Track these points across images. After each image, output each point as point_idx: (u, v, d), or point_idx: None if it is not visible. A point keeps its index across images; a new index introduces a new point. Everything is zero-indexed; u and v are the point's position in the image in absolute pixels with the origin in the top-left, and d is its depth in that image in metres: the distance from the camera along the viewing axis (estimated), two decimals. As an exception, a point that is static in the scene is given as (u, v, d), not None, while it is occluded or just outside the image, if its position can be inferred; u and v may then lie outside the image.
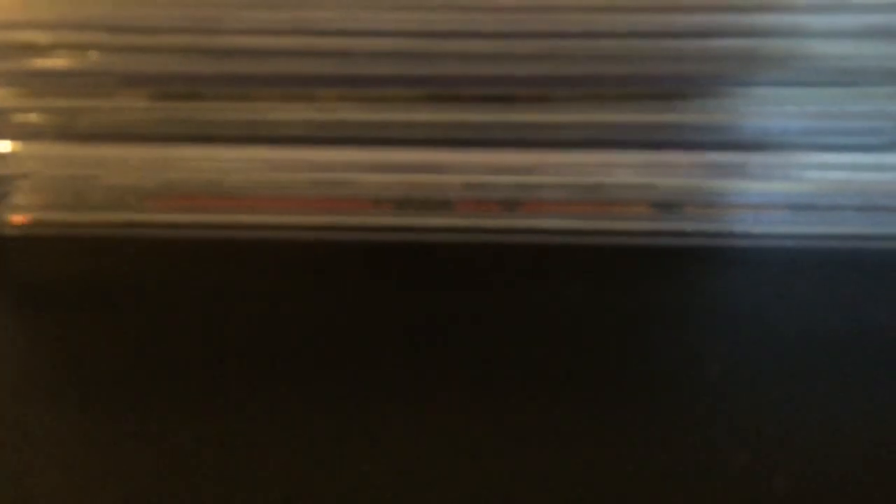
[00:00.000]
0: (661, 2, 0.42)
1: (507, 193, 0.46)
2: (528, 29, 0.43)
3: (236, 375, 0.42)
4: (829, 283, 0.46)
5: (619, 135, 0.45)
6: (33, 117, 0.44)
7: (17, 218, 0.46)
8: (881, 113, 0.45)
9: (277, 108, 0.44)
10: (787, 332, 0.44)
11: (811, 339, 0.44)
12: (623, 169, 0.46)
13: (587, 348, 0.43)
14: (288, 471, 0.38)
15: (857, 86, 0.44)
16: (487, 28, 0.43)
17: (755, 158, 0.45)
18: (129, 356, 0.43)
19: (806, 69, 0.43)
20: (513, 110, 0.45)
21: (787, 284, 0.46)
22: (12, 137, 0.44)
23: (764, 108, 0.45)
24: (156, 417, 0.40)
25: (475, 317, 0.44)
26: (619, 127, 0.45)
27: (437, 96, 0.44)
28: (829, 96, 0.44)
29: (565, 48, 0.43)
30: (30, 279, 0.46)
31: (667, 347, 0.44)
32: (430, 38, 0.43)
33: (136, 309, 0.45)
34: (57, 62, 0.42)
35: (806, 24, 0.43)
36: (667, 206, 0.46)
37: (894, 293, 0.45)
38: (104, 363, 0.42)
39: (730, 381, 0.42)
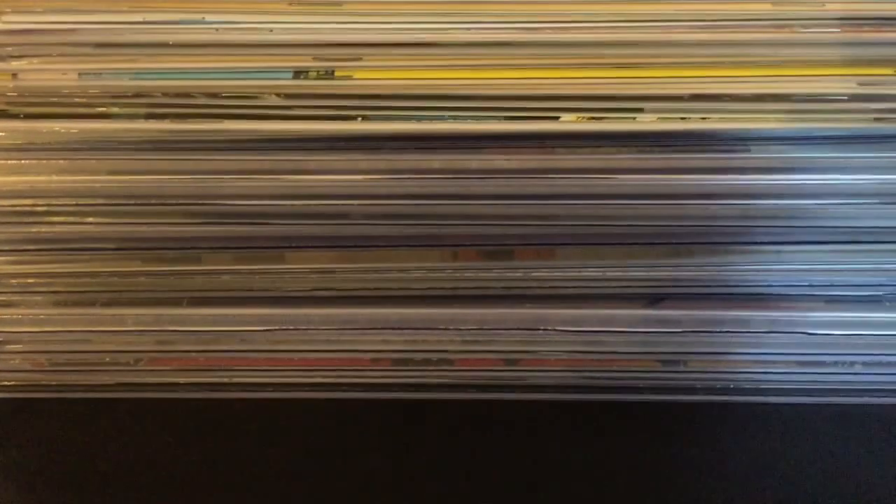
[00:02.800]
0: (661, 164, 0.42)
1: (507, 349, 0.46)
2: (527, 191, 0.42)
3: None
4: (836, 439, 0.45)
5: (622, 290, 0.45)
6: (31, 281, 0.44)
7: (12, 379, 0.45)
8: (884, 269, 0.44)
9: (273, 269, 0.44)
10: (797, 488, 0.43)
11: (818, 495, 0.43)
12: (627, 323, 0.45)
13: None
14: None
15: (860, 243, 0.44)
16: (486, 190, 0.42)
17: (760, 313, 0.45)
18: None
19: (808, 228, 0.43)
20: (512, 266, 0.45)
21: (793, 440, 0.45)
22: (9, 301, 0.44)
23: (767, 264, 0.44)
24: None
25: (471, 473, 0.43)
26: (621, 282, 0.45)
27: (435, 254, 0.44)
28: (833, 252, 0.44)
29: (565, 209, 0.43)
30: (22, 442, 0.45)
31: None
32: (429, 200, 0.43)
33: (134, 473, 0.44)
34: (54, 228, 0.42)
35: (806, 185, 0.42)
36: (672, 361, 0.46)
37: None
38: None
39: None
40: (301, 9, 0.41)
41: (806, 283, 0.45)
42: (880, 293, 0.45)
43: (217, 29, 0.41)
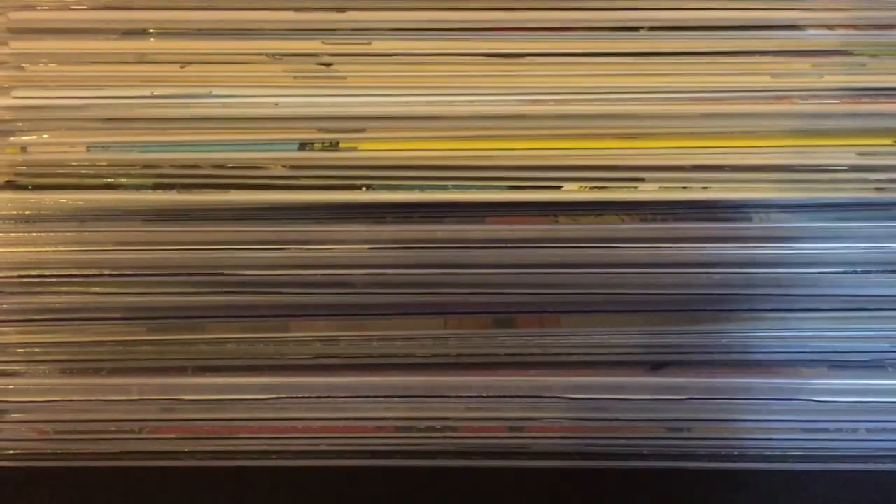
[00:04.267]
0: (664, 233, 0.43)
1: (511, 416, 0.46)
2: (530, 260, 0.43)
3: None
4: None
5: (626, 356, 0.45)
6: (36, 350, 0.44)
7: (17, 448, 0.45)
8: (887, 336, 0.44)
9: (278, 337, 0.44)
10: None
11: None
12: (631, 391, 0.45)
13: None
14: None
15: (863, 310, 0.44)
16: (489, 259, 0.43)
17: (764, 380, 0.45)
18: None
19: (810, 296, 0.43)
20: (516, 334, 0.45)
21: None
22: (14, 370, 0.44)
23: (771, 331, 0.44)
24: None
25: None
26: (625, 348, 0.45)
27: (439, 322, 0.44)
28: (835, 320, 0.44)
29: (568, 278, 0.43)
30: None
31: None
32: (432, 269, 0.43)
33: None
34: (60, 298, 0.43)
35: (807, 254, 0.43)
36: (676, 427, 0.46)
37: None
38: None
39: None
40: (306, 82, 0.41)
41: (809, 350, 0.45)
42: (883, 359, 0.45)
43: (224, 103, 0.41)
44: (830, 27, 0.41)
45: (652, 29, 0.41)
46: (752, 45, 0.41)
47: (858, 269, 0.43)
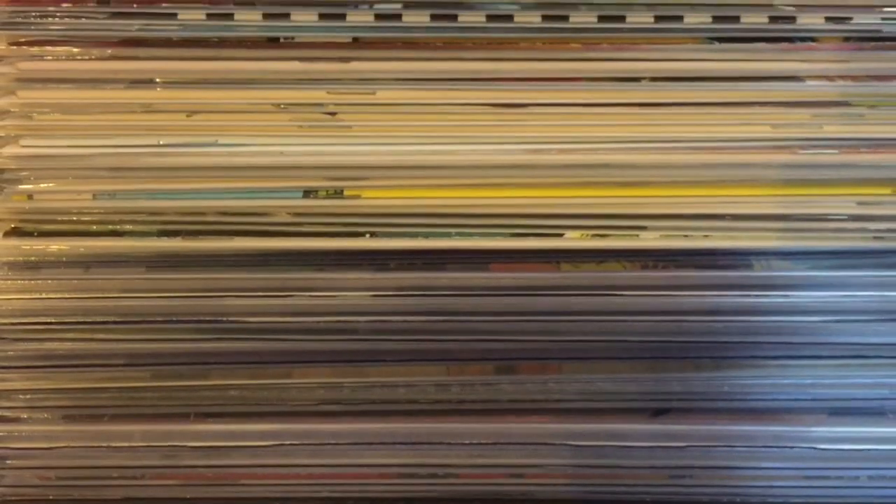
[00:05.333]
0: (664, 281, 0.43)
1: (513, 462, 0.46)
2: (532, 308, 0.43)
3: None
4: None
5: (628, 403, 0.45)
6: (40, 396, 0.44)
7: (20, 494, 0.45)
8: (887, 383, 0.44)
9: (281, 383, 0.44)
10: None
11: None
12: (633, 437, 0.45)
13: None
14: None
15: (863, 357, 0.44)
16: (492, 307, 0.43)
17: (765, 427, 0.45)
18: None
19: (811, 344, 0.44)
20: (518, 381, 0.45)
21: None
22: (17, 416, 0.44)
23: (772, 378, 0.45)
24: None
25: None
26: (627, 395, 0.45)
27: (441, 369, 0.45)
28: (836, 367, 0.44)
29: (570, 325, 0.43)
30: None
31: None
32: (435, 316, 0.43)
33: None
34: (64, 345, 0.43)
35: (808, 302, 0.43)
36: (678, 474, 0.46)
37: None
38: None
39: None
40: (311, 131, 0.42)
41: (810, 397, 0.45)
42: (884, 407, 0.45)
43: (230, 152, 0.41)
44: (830, 79, 0.42)
45: (653, 80, 0.42)
46: (753, 96, 0.42)
47: (858, 317, 0.43)
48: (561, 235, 0.43)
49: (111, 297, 0.42)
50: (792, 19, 0.41)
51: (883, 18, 0.41)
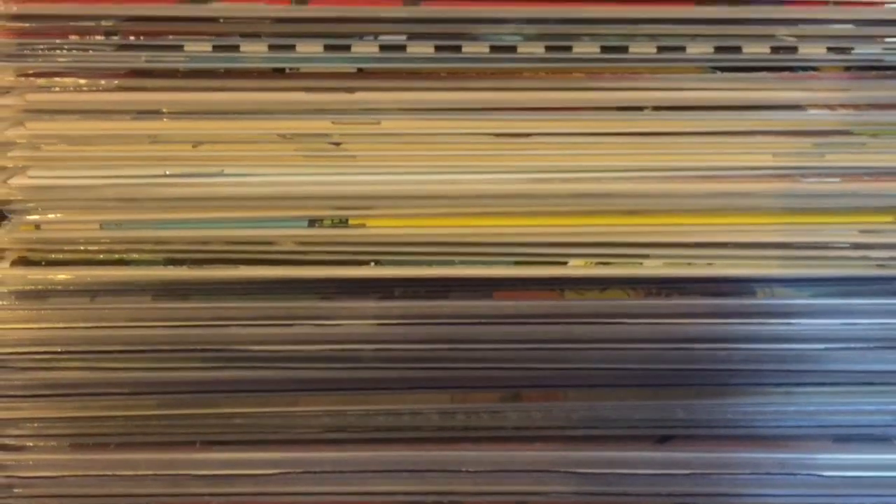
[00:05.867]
0: (667, 308, 0.43)
1: (518, 489, 0.46)
2: (536, 336, 0.43)
3: None
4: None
5: (632, 431, 0.45)
6: (46, 425, 0.44)
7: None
8: (892, 410, 0.45)
9: (286, 411, 0.44)
10: None
11: None
12: (638, 465, 0.45)
13: None
14: None
15: (867, 384, 0.44)
16: (493, 335, 0.43)
17: (769, 454, 0.45)
18: None
19: (814, 371, 0.44)
20: (523, 408, 0.45)
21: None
22: (23, 444, 0.44)
23: (775, 406, 0.45)
24: None
25: None
26: (631, 422, 0.45)
27: (446, 397, 0.45)
28: (840, 394, 0.44)
29: (574, 353, 0.43)
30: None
31: None
32: (440, 344, 0.43)
33: None
34: (70, 374, 0.43)
35: (809, 330, 0.43)
36: (683, 501, 0.46)
37: None
38: None
39: None
40: (316, 161, 0.42)
41: (814, 424, 0.45)
42: (888, 433, 0.45)
43: (235, 182, 0.42)
44: (831, 107, 0.42)
45: (656, 109, 0.42)
46: (755, 125, 0.42)
47: (861, 345, 0.43)
48: (564, 263, 0.44)
49: (117, 327, 0.43)
50: (793, 49, 0.41)
51: (884, 48, 0.41)
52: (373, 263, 0.43)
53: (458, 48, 0.41)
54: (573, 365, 0.44)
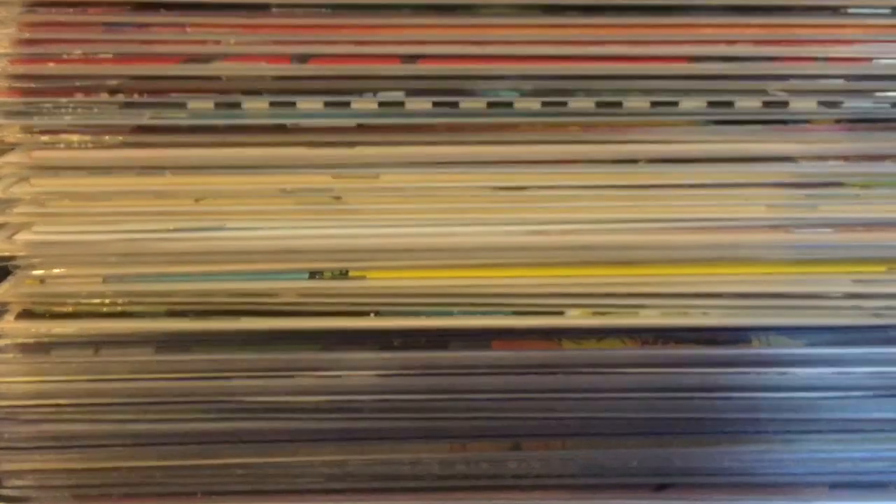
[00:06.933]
0: (664, 358, 0.44)
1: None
2: (534, 386, 0.44)
3: None
4: None
5: (631, 479, 0.46)
6: (48, 476, 0.45)
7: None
8: (887, 457, 0.45)
9: (287, 461, 0.45)
10: None
11: None
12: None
13: None
14: None
15: (863, 432, 0.45)
16: (492, 385, 0.44)
17: (768, 501, 0.45)
18: None
19: (811, 420, 0.44)
20: (521, 457, 0.45)
21: None
22: (26, 496, 0.45)
23: (772, 453, 0.45)
24: None
25: None
26: (630, 470, 0.46)
27: (445, 446, 0.45)
28: (836, 442, 0.45)
29: (572, 403, 0.44)
30: None
31: None
32: (439, 394, 0.44)
33: None
34: (73, 427, 0.43)
35: (805, 379, 0.44)
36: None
37: None
38: None
39: None
40: (317, 215, 0.43)
41: (811, 472, 0.45)
42: (883, 480, 0.45)
43: (237, 236, 0.42)
44: (823, 159, 0.43)
45: (650, 162, 0.43)
46: (748, 178, 0.43)
47: (856, 393, 0.44)
48: (562, 314, 0.44)
49: (120, 379, 0.43)
50: (785, 104, 0.42)
51: (874, 102, 0.42)
52: (373, 314, 0.44)
53: (455, 104, 0.41)
54: (571, 414, 0.44)
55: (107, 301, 0.44)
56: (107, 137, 0.42)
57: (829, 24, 0.41)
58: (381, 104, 0.41)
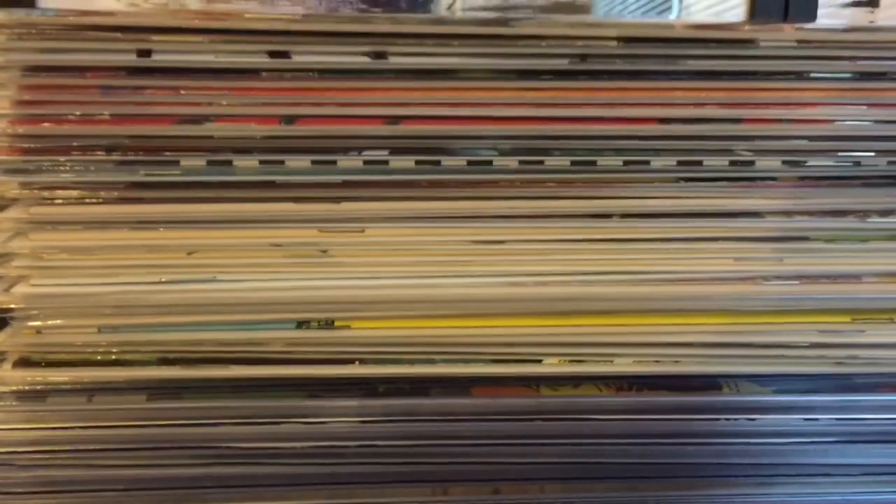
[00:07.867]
0: (637, 405, 0.45)
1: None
2: (510, 431, 0.45)
3: None
4: None
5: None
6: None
7: None
8: (850, 500, 0.47)
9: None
10: None
11: None
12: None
13: None
14: None
15: (830, 476, 0.46)
16: (472, 431, 0.45)
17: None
18: None
19: (779, 465, 0.46)
20: (501, 501, 0.47)
21: None
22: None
23: (745, 498, 0.47)
24: None
25: None
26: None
27: (427, 490, 0.46)
28: (804, 485, 0.46)
29: (550, 449, 0.45)
30: None
31: None
32: (420, 440, 0.45)
33: None
34: (65, 473, 0.45)
35: (772, 427, 0.45)
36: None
37: None
38: None
39: None
40: (304, 268, 0.44)
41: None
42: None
43: (227, 288, 0.44)
44: (789, 215, 0.45)
45: (623, 217, 0.45)
46: (717, 232, 0.45)
47: (822, 439, 0.46)
48: (539, 362, 0.46)
49: (113, 426, 0.44)
50: (751, 163, 0.44)
51: (836, 161, 0.44)
52: (357, 363, 0.46)
53: (437, 162, 0.43)
54: (549, 459, 0.46)
55: (101, 350, 0.45)
56: (102, 193, 0.43)
57: (793, 88, 0.43)
58: (365, 162, 0.43)
